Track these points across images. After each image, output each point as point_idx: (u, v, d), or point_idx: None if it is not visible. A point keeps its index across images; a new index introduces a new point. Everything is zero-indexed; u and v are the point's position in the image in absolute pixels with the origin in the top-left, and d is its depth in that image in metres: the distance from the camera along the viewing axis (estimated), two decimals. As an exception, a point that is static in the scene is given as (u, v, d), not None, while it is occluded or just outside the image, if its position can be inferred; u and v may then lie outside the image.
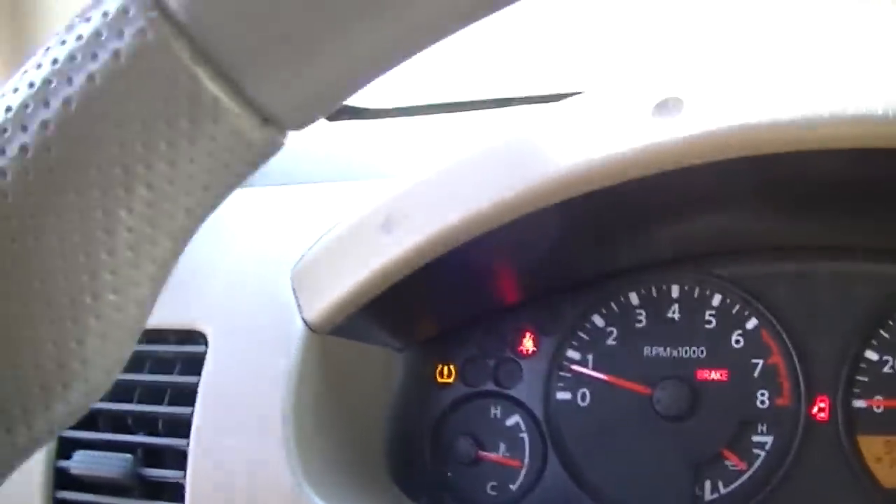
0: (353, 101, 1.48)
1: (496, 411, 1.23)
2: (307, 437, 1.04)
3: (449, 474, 1.22)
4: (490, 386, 1.23)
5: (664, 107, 0.91)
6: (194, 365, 1.09)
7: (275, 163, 1.41)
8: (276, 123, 0.47)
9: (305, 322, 1.06)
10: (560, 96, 1.04)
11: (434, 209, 0.98)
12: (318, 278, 1.06)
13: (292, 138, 0.49)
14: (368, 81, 0.48)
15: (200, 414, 1.06)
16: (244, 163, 0.48)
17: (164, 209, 0.46)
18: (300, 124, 0.49)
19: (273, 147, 0.48)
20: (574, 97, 0.97)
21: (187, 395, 1.09)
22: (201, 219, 0.49)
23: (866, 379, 1.16)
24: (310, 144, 1.47)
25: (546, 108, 0.97)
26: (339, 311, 1.04)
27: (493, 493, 1.21)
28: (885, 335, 1.16)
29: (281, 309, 1.07)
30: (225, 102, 0.45)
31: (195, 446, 1.06)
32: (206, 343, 1.10)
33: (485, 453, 1.22)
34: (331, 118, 1.53)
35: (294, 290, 1.08)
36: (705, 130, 0.89)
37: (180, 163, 0.45)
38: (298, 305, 1.07)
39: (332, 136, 1.50)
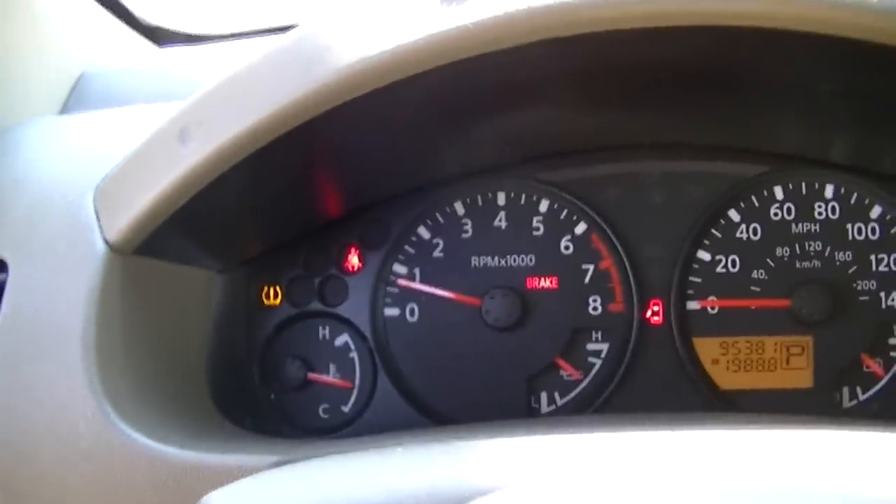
0: (182, 27, 1.40)
1: (324, 332, 1.18)
2: (113, 363, 0.98)
3: (272, 396, 1.18)
4: (317, 305, 1.19)
5: (450, -5, 0.87)
6: (-1, 295, 1.03)
7: (98, 89, 1.32)
8: None
9: (107, 242, 1.00)
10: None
11: (228, 115, 0.92)
12: (118, 196, 1.00)
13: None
14: None
15: (1, 345, 1.00)
16: None
17: None
18: None
19: None
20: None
21: None
22: None
23: (699, 280, 1.15)
24: (140, 70, 1.40)
25: (337, 8, 0.92)
26: (140, 229, 0.99)
27: (326, 416, 1.18)
28: (718, 234, 1.15)
29: (83, 231, 1.01)
30: None
31: (-4, 379, 1.00)
32: (7, 271, 1.04)
33: (315, 375, 1.18)
34: (160, 44, 1.47)
35: (96, 210, 1.02)
36: (494, 14, 0.84)
37: None
38: (100, 226, 1.01)
39: (162, 61, 1.44)
